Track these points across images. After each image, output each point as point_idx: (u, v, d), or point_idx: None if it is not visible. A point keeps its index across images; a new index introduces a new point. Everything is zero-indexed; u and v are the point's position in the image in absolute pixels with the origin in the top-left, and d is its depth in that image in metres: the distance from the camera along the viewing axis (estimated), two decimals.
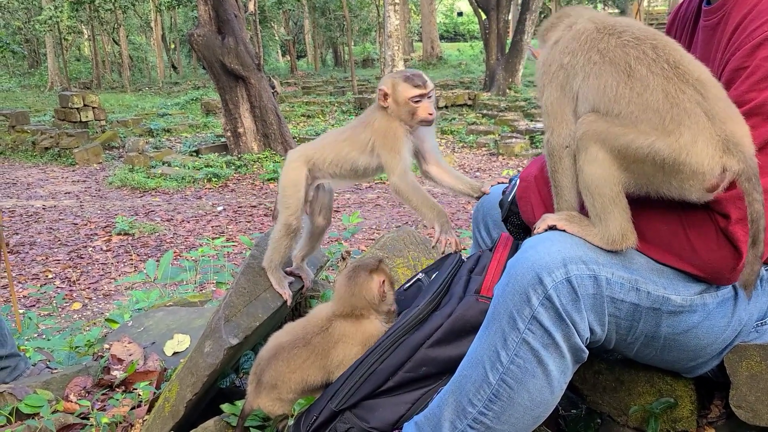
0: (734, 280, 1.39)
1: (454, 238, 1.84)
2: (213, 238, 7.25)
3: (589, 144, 1.31)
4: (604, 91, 1.31)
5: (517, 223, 1.68)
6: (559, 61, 1.41)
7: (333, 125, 15.98)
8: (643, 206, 1.37)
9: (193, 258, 5.68)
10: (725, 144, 1.24)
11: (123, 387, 2.33)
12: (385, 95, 1.95)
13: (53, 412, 2.16)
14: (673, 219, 1.36)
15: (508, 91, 18.81)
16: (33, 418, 2.14)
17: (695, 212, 1.33)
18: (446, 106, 17.31)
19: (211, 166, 12.00)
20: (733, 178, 1.24)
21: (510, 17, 22.23)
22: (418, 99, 1.91)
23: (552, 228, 1.43)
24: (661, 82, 1.27)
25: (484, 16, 20.69)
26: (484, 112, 16.62)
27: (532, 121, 14.65)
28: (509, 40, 20.22)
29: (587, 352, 1.39)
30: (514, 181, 1.70)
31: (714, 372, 1.55)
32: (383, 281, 1.70)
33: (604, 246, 1.36)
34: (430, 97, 1.94)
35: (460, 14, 47.14)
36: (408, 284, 1.87)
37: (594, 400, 1.74)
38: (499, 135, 13.89)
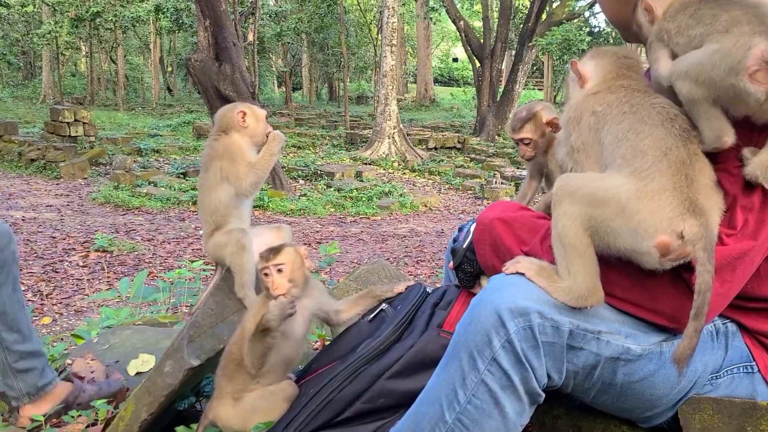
0: None
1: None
2: (192, 261, 7.20)
3: (563, 198, 1.35)
4: (616, 134, 1.37)
5: (469, 271, 1.68)
6: (592, 109, 1.45)
7: (322, 157, 16.05)
8: (605, 259, 1.40)
9: (169, 279, 5.62)
10: (693, 206, 1.27)
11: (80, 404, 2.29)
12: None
13: (5, 426, 2.12)
14: (634, 269, 1.39)
15: (497, 137, 19.08)
16: None
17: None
18: (436, 148, 17.52)
19: (197, 190, 11.96)
20: (687, 249, 1.26)
21: (503, 66, 22.71)
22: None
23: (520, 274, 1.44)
24: (664, 134, 1.32)
25: (478, 64, 21.15)
26: (473, 156, 16.85)
27: (518, 168, 14.83)
28: (501, 89, 20.60)
29: (543, 395, 1.40)
30: (467, 228, 1.70)
31: (669, 423, 1.56)
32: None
33: (569, 303, 1.37)
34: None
35: (455, 60, 48.04)
36: (372, 315, 1.87)
37: None
38: (485, 179, 14.05)
